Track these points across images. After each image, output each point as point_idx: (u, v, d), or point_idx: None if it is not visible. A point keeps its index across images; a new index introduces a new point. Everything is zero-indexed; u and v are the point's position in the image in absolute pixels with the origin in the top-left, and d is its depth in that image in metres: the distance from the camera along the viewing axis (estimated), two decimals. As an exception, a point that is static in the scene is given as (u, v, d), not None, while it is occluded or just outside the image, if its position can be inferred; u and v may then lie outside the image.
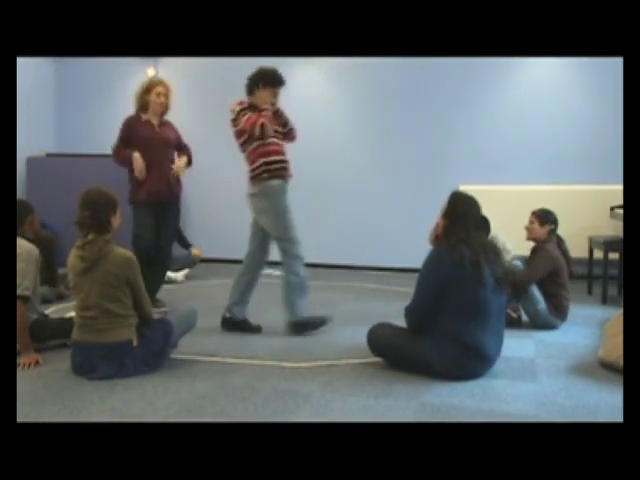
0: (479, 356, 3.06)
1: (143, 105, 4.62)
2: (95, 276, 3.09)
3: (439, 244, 3.16)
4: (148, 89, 4.63)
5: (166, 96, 4.64)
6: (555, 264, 4.17)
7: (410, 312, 3.20)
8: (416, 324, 3.19)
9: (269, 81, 4.02)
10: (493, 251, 3.20)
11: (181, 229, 6.65)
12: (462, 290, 3.02)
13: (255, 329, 4.07)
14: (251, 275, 4.14)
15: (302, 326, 3.97)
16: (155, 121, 4.63)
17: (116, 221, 3.21)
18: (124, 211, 3.45)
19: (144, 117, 4.61)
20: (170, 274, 6.06)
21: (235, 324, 4.08)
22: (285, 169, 4.02)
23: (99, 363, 3.07)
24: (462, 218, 3.15)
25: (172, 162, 4.64)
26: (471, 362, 3.06)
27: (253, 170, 3.97)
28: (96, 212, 3.12)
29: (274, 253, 4.19)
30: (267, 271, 6.19)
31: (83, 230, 3.14)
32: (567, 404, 2.77)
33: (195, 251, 6.42)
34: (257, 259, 4.14)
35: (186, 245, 6.55)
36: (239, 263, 4.22)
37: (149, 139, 4.51)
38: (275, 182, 3.95)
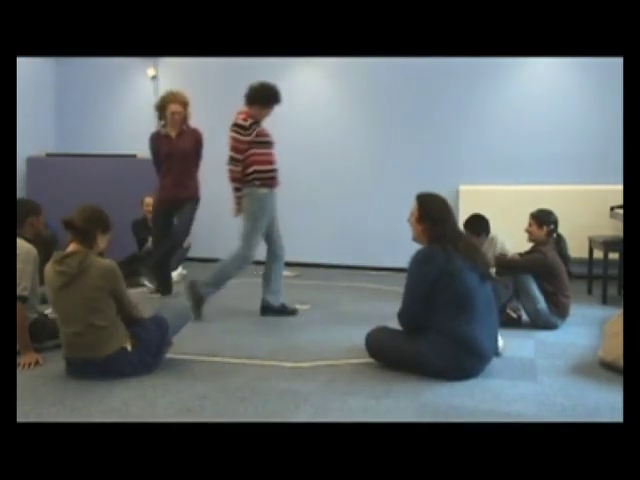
0: (472, 352, 3.03)
1: (162, 118, 5.11)
2: (76, 290, 3.02)
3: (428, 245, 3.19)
4: (163, 106, 5.06)
5: (180, 114, 5.04)
6: (548, 268, 4.14)
7: (403, 313, 3.20)
8: (411, 325, 3.19)
9: (275, 101, 4.34)
10: (475, 248, 3.26)
11: None
12: (451, 284, 3.03)
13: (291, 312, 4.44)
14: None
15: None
16: (174, 133, 5.10)
17: (103, 243, 3.17)
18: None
19: (163, 132, 5.14)
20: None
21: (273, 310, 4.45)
22: (274, 178, 4.38)
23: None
24: (442, 218, 3.18)
25: (192, 168, 5.17)
26: (466, 359, 3.04)
27: (248, 175, 4.32)
28: (86, 223, 3.08)
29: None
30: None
31: (69, 231, 3.09)
32: (567, 404, 2.77)
33: None
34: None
35: None
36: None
37: (169, 154, 5.07)
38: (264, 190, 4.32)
